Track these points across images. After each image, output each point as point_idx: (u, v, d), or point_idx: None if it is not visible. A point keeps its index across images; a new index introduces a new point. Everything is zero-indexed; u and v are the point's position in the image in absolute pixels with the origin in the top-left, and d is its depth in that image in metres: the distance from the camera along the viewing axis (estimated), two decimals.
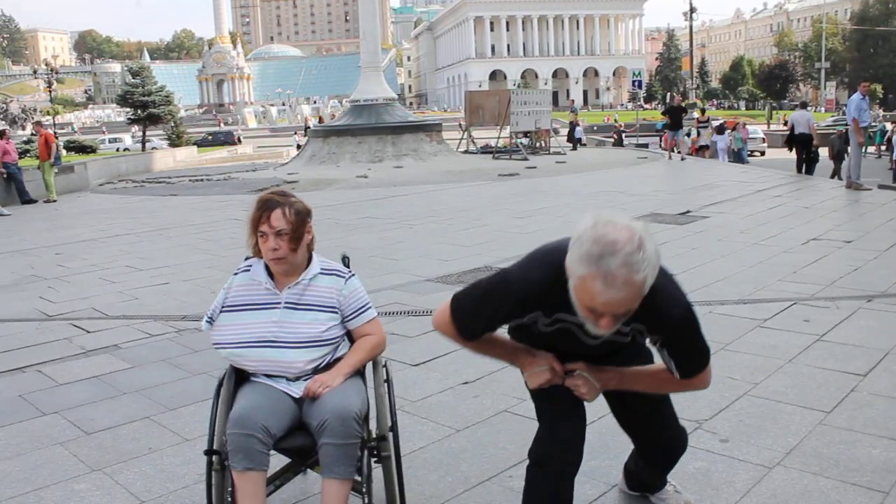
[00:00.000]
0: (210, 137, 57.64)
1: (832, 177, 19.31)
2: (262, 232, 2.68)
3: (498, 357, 2.51)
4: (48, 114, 69.25)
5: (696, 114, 28.40)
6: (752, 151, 30.50)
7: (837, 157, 20.44)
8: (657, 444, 2.66)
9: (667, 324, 2.19)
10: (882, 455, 3.36)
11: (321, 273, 2.82)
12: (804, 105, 23.12)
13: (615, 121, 62.96)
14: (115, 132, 68.10)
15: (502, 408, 4.07)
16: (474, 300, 2.28)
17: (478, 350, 2.46)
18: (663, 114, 26.87)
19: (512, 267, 2.25)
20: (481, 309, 2.27)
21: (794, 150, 18.37)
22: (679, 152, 22.65)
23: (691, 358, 2.28)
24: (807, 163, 17.88)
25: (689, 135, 26.20)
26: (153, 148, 43.34)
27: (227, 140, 56.80)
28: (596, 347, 2.30)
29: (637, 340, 2.31)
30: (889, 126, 31.90)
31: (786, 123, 23.24)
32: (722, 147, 25.35)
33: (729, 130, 26.03)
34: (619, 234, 1.92)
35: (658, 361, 2.43)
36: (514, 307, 2.23)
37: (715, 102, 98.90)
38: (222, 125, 78.92)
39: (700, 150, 25.33)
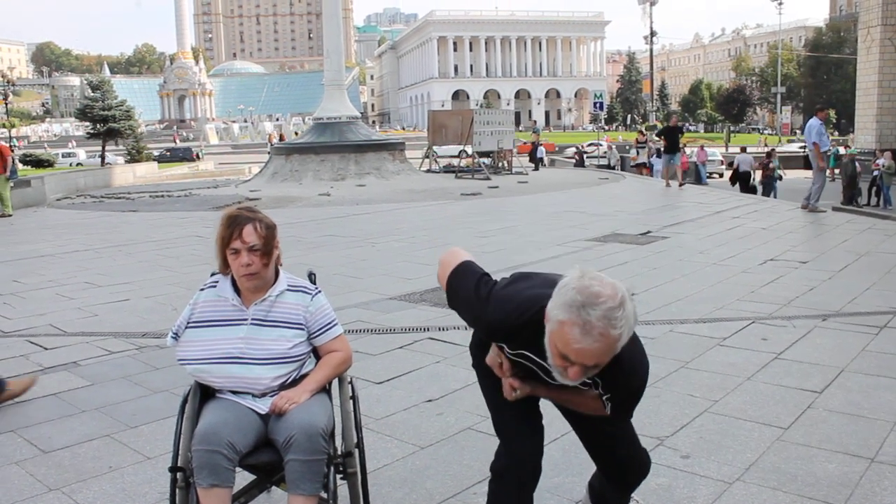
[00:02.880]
0: (168, 153, 56.93)
1: (846, 202, 19.63)
2: (235, 249, 2.67)
3: None
4: (3, 127, 68.01)
5: (636, 135, 28.76)
6: (710, 173, 31.03)
7: (851, 181, 20.72)
8: (618, 465, 2.67)
9: (623, 390, 2.28)
10: (837, 469, 3.44)
11: (288, 290, 2.82)
12: (744, 150, 26.93)
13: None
14: (60, 147, 66.46)
15: (466, 425, 4.08)
16: (460, 297, 2.38)
17: None
18: (658, 135, 22.90)
19: (492, 298, 2.28)
20: (461, 307, 2.39)
21: (737, 183, 23.30)
22: (676, 178, 19.99)
23: (627, 411, 2.40)
24: (748, 191, 21.84)
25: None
26: (106, 163, 42.64)
27: (186, 156, 56.02)
28: (561, 387, 2.32)
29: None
30: (842, 150, 32.67)
31: (730, 164, 24.70)
32: (658, 169, 25.96)
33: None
34: (603, 289, 1.97)
35: None
36: (483, 332, 2.38)
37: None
38: (177, 141, 78.09)
39: (637, 168, 25.83)
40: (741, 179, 23.03)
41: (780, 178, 23.62)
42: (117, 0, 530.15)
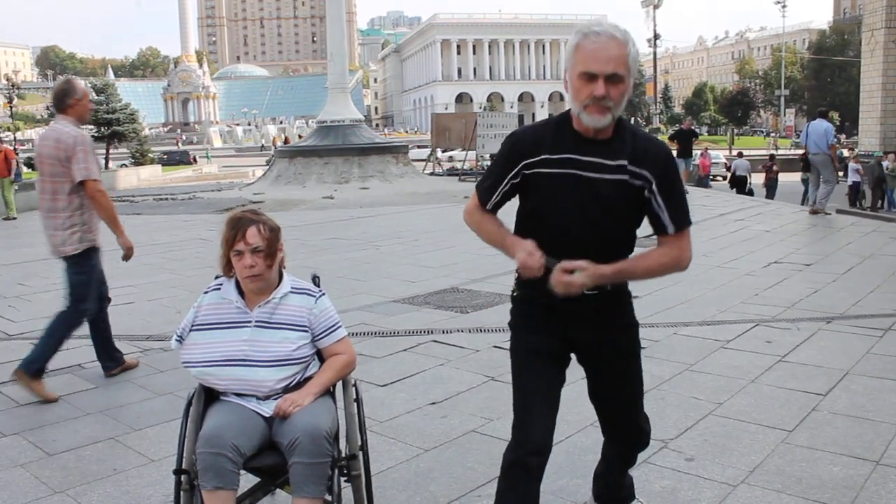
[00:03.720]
0: (166, 156, 56.21)
1: (874, 207, 19.70)
2: (238, 250, 2.68)
3: (494, 237, 2.54)
4: (8, 129, 68.06)
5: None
6: (714, 176, 31.01)
7: (878, 184, 20.76)
8: (628, 430, 2.73)
9: (659, 155, 2.40)
10: (842, 472, 3.43)
11: (292, 292, 2.83)
12: (741, 154, 27.98)
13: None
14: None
15: (470, 428, 4.08)
16: (491, 164, 2.57)
17: (482, 226, 2.55)
18: (671, 139, 21.40)
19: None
20: (496, 166, 2.51)
21: (734, 187, 24.23)
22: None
23: (680, 202, 2.43)
24: (745, 194, 22.54)
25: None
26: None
27: (183, 160, 55.33)
28: (602, 190, 2.35)
29: (635, 190, 2.37)
30: (846, 153, 32.63)
31: (728, 167, 25.57)
32: None
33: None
34: (605, 21, 2.35)
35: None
36: (523, 150, 2.42)
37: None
38: (180, 144, 77.95)
39: None
40: (738, 183, 24.52)
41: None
42: (121, 4, 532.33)
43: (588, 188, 2.35)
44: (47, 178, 4.92)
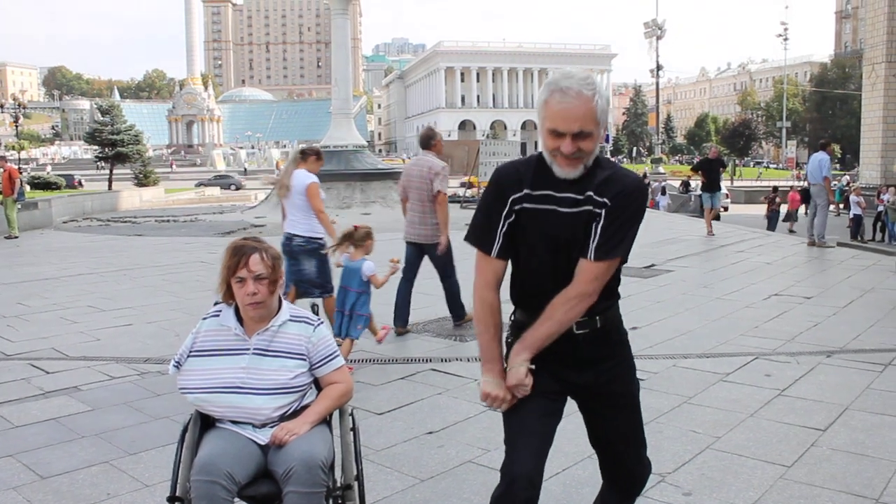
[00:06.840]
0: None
1: None
2: (241, 277, 2.69)
3: (485, 340, 2.47)
4: (13, 149, 68.30)
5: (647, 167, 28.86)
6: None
7: None
8: (626, 469, 2.69)
9: (627, 185, 2.36)
10: None
11: (290, 320, 2.83)
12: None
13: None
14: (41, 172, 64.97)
15: (467, 458, 4.06)
16: (477, 209, 2.54)
17: (486, 320, 2.46)
18: (694, 170, 18.14)
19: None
20: (483, 207, 2.48)
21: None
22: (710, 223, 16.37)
23: (617, 234, 2.35)
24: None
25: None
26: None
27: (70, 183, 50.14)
28: (574, 224, 2.35)
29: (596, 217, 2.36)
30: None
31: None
32: (663, 205, 26.36)
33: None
34: (574, 70, 2.33)
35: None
36: (505, 186, 2.42)
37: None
38: (174, 167, 78.25)
39: None
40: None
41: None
42: (130, 27, 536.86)
43: (566, 223, 2.35)
44: (415, 192, 7.30)
